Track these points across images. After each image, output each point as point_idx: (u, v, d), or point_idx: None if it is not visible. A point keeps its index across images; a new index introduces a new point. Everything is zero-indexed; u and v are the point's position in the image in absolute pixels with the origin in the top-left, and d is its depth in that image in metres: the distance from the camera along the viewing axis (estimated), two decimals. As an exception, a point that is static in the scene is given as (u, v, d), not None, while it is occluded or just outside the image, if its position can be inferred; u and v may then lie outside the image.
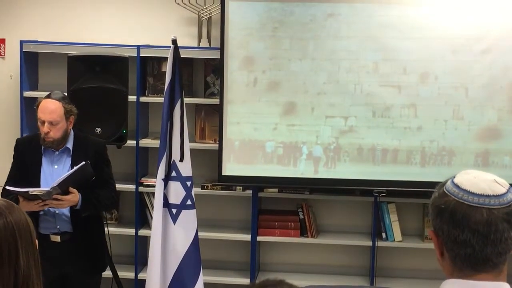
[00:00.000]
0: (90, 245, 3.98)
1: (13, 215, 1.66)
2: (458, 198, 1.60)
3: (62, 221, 3.89)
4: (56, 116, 3.84)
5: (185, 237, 4.22)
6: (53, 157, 3.92)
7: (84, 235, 3.93)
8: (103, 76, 4.59)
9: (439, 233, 1.63)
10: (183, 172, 4.23)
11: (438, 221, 1.62)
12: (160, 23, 5.25)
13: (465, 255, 1.59)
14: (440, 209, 1.61)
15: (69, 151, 3.93)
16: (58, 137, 3.86)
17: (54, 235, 3.89)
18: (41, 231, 3.85)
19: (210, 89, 5.17)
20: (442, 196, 1.63)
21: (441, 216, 1.61)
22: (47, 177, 3.87)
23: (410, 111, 4.79)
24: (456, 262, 1.61)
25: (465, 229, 1.57)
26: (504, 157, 4.78)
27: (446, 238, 1.61)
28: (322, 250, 5.24)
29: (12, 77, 5.32)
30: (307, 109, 4.84)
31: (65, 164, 3.91)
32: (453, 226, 1.59)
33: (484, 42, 4.70)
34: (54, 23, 5.31)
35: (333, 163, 4.86)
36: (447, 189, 1.63)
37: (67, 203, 3.79)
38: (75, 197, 3.80)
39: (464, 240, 1.58)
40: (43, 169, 3.90)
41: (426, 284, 4.94)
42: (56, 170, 3.89)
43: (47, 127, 3.82)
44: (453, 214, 1.59)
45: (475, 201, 1.58)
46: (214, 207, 5.29)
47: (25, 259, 1.64)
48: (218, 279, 5.11)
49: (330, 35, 4.79)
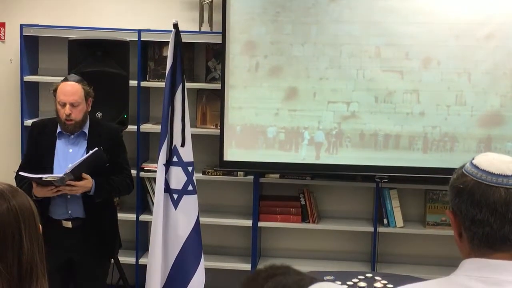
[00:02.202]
0: (102, 232, 3.96)
1: (17, 199, 1.65)
2: (477, 178, 1.62)
3: (74, 207, 3.87)
4: (78, 97, 3.82)
5: (186, 223, 4.22)
6: (68, 141, 3.90)
7: (96, 222, 3.91)
8: (104, 60, 4.56)
9: (457, 213, 1.65)
10: (184, 157, 4.22)
11: (456, 201, 1.64)
12: (161, 7, 5.21)
13: (483, 234, 1.61)
14: (459, 189, 1.63)
15: (85, 135, 3.90)
16: (79, 119, 3.84)
17: (66, 220, 3.87)
18: (53, 216, 3.85)
19: (211, 74, 5.14)
20: (461, 177, 1.65)
21: (459, 196, 1.63)
22: (60, 161, 3.84)
23: (413, 97, 4.77)
24: (474, 242, 1.63)
25: (483, 208, 1.59)
26: (507, 143, 4.76)
27: (464, 217, 1.63)
28: (323, 236, 5.23)
29: (12, 61, 5.29)
30: (309, 94, 4.82)
31: (80, 148, 3.88)
32: (472, 205, 1.60)
33: (487, 27, 4.67)
34: (54, 6, 5.27)
35: (335, 148, 4.84)
36: (466, 170, 1.65)
37: (80, 189, 3.77)
38: (89, 183, 3.78)
39: (482, 220, 1.60)
40: (57, 152, 3.87)
41: (427, 270, 4.94)
42: (71, 154, 3.86)
43: (68, 108, 3.79)
44: (472, 194, 1.61)
45: (494, 181, 1.60)
46: (215, 192, 5.28)
47: (28, 244, 1.62)
48: (219, 265, 5.10)
49: (332, 20, 4.75)
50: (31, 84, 5.17)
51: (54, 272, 3.84)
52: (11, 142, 5.27)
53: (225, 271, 5.13)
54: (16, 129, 5.15)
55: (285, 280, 1.29)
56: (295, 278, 1.30)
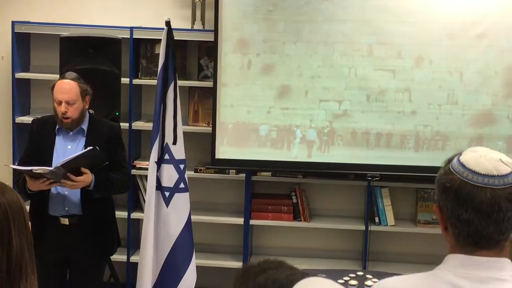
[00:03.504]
0: (99, 230, 3.96)
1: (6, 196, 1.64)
2: (463, 177, 1.62)
3: (71, 203, 3.86)
4: (73, 95, 3.82)
5: (178, 220, 4.21)
6: (67, 137, 3.90)
7: (94, 219, 3.90)
8: (96, 57, 4.55)
9: (444, 209, 1.66)
10: (176, 155, 4.21)
11: (443, 198, 1.65)
12: (153, 5, 5.20)
13: (468, 233, 1.62)
14: (445, 186, 1.64)
15: (84, 132, 3.91)
16: (76, 116, 3.84)
17: (63, 217, 3.86)
18: (50, 213, 3.85)
19: (203, 71, 5.14)
20: (448, 174, 1.65)
21: (446, 193, 1.64)
22: (59, 156, 3.84)
23: (405, 96, 4.77)
24: (459, 239, 1.64)
25: (468, 209, 1.60)
26: (498, 142, 4.77)
27: (450, 215, 1.64)
28: (315, 234, 5.24)
29: (4, 58, 5.27)
30: (301, 92, 4.82)
31: (78, 144, 3.89)
32: (457, 204, 1.61)
33: (479, 27, 4.68)
34: (46, 3, 5.26)
35: (326, 147, 4.85)
36: (452, 167, 1.65)
37: (80, 183, 3.76)
38: (88, 178, 3.77)
39: (468, 219, 1.60)
40: (56, 148, 3.88)
41: (418, 268, 4.90)
42: (69, 150, 3.86)
43: (64, 106, 3.80)
44: (458, 193, 1.61)
45: (480, 181, 1.60)
46: (207, 190, 5.28)
47: (17, 241, 1.62)
48: (210, 263, 5.10)
49: (325, 18, 4.75)
50: (23, 81, 5.16)
51: (51, 269, 3.87)
52: (2, 139, 5.24)
53: (217, 269, 5.13)
54: (8, 126, 5.13)
55: (276, 274, 1.29)
56: (286, 272, 1.30)
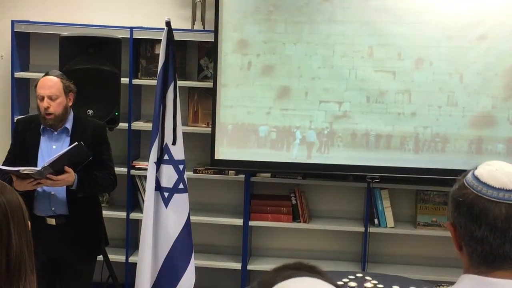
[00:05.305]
0: (86, 230, 3.94)
1: (5, 195, 1.64)
2: (477, 191, 1.53)
3: (57, 203, 3.84)
4: (55, 90, 3.81)
5: (177, 221, 4.20)
6: (52, 137, 3.89)
7: (81, 219, 3.89)
8: (96, 57, 4.55)
9: (457, 226, 1.57)
10: (175, 156, 4.20)
11: (456, 214, 1.57)
12: (154, 5, 5.20)
13: (482, 251, 1.53)
14: (458, 201, 1.56)
15: (68, 132, 3.89)
16: (59, 113, 3.82)
17: (49, 217, 3.84)
18: (36, 213, 3.82)
19: (203, 72, 5.13)
20: (462, 188, 1.57)
21: (459, 209, 1.55)
22: (44, 156, 3.82)
23: (405, 97, 4.77)
24: (473, 258, 1.55)
25: (482, 225, 1.51)
26: (497, 144, 4.77)
27: (464, 232, 1.55)
28: (314, 235, 5.23)
29: (3, 58, 5.26)
30: (301, 93, 4.81)
31: (63, 144, 3.87)
32: (471, 220, 1.53)
33: (479, 29, 4.68)
34: (46, 3, 5.25)
35: (326, 148, 4.84)
36: (467, 181, 1.57)
37: (61, 182, 3.73)
38: (71, 176, 3.74)
39: (481, 237, 1.52)
40: (41, 148, 3.86)
41: (418, 270, 4.94)
42: (54, 150, 3.84)
43: (46, 101, 3.79)
44: (471, 208, 1.53)
45: (494, 195, 1.52)
46: (206, 191, 5.27)
47: (17, 240, 1.61)
48: (209, 263, 5.09)
49: (325, 19, 4.75)
50: (22, 81, 5.15)
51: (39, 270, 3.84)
52: (1, 138, 5.23)
53: (216, 270, 5.13)
54: (6, 126, 5.12)
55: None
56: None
